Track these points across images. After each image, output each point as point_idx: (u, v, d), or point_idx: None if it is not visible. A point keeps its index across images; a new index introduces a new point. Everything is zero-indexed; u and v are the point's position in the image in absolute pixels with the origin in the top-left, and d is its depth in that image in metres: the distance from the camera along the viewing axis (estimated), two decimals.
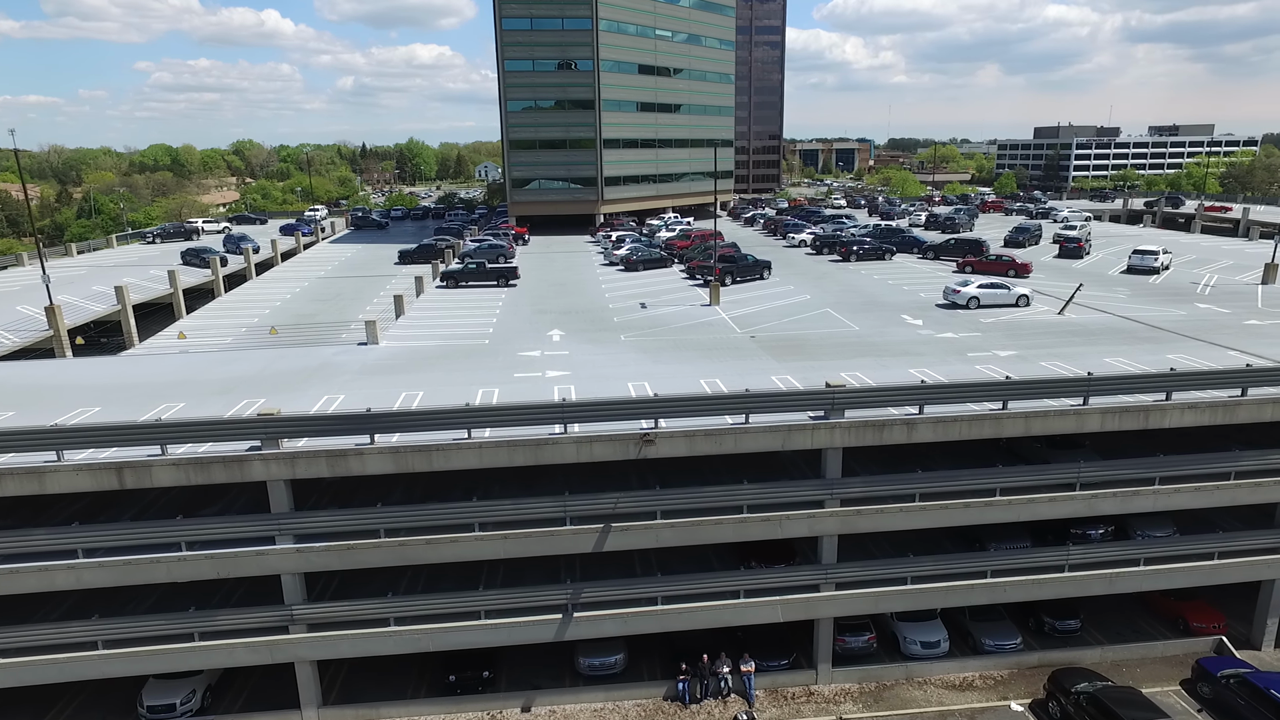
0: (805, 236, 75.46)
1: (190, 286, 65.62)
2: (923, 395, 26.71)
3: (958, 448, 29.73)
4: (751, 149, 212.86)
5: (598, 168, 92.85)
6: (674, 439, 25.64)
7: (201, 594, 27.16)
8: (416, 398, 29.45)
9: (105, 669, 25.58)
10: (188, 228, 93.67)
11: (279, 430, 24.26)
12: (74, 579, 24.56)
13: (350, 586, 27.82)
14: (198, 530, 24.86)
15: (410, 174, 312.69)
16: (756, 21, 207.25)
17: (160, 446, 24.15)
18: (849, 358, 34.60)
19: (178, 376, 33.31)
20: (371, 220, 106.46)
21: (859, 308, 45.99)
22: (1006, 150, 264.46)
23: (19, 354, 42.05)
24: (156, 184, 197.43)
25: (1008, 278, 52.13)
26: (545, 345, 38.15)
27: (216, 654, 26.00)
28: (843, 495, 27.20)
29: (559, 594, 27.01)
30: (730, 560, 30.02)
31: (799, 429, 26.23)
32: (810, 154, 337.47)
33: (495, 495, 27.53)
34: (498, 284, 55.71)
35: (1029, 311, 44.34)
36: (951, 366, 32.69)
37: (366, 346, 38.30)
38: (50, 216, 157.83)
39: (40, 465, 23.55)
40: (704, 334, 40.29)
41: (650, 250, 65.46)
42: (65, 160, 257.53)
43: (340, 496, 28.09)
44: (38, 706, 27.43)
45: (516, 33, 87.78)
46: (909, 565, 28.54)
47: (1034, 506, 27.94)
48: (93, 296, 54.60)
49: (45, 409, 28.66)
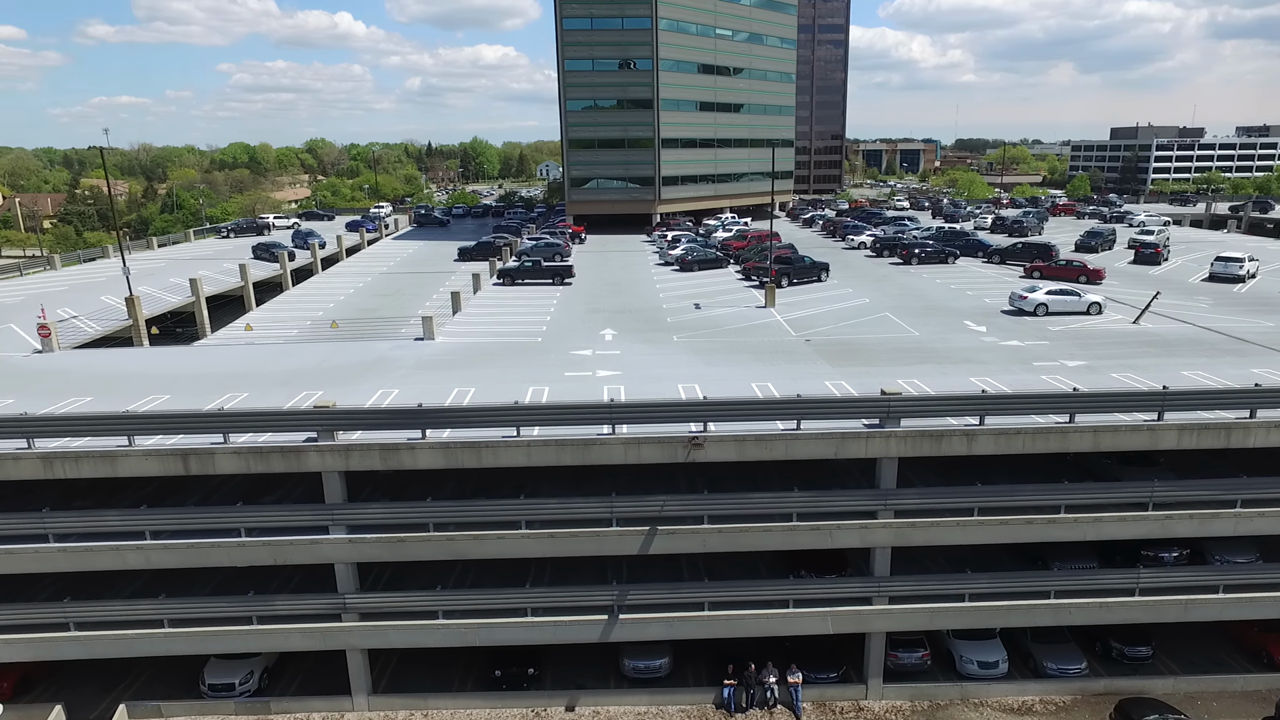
0: (865, 238, 73.95)
1: (259, 280, 67.90)
2: (984, 405, 25.74)
3: (1020, 461, 28.58)
4: (813, 149, 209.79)
5: (655, 167, 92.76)
6: (723, 443, 25.28)
7: (260, 580, 27.95)
8: (468, 394, 29.75)
9: (170, 647, 26.57)
10: (259, 223, 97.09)
11: (334, 423, 24.80)
12: (143, 559, 25.57)
13: (401, 578, 28.25)
14: (256, 517, 25.59)
15: (474, 173, 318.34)
16: (819, 20, 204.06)
17: (223, 435, 24.94)
18: (907, 364, 33.64)
19: (242, 367, 34.41)
20: (433, 218, 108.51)
21: (919, 312, 44.74)
22: (1080, 151, 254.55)
23: (100, 342, 44.05)
24: (234, 180, 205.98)
25: (1078, 284, 50.12)
26: (597, 344, 38.16)
27: (273, 638, 26.74)
28: (897, 506, 26.41)
29: (605, 595, 26.94)
30: (779, 568, 29.50)
31: (852, 437, 25.56)
32: (874, 154, 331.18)
33: (543, 494, 27.64)
34: (553, 282, 56.07)
35: (1101, 320, 42.46)
36: (1015, 376, 31.47)
37: (422, 342, 38.94)
38: (137, 211, 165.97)
39: (113, 449, 24.56)
40: (758, 336, 39.73)
41: (705, 250, 65.02)
42: (153, 158, 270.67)
43: (393, 490, 28.56)
44: (109, 679, 28.66)
45: (577, 32, 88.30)
46: (967, 581, 27.55)
47: (1102, 526, 26.66)
48: (169, 288, 56.92)
49: (120, 395, 29.93)
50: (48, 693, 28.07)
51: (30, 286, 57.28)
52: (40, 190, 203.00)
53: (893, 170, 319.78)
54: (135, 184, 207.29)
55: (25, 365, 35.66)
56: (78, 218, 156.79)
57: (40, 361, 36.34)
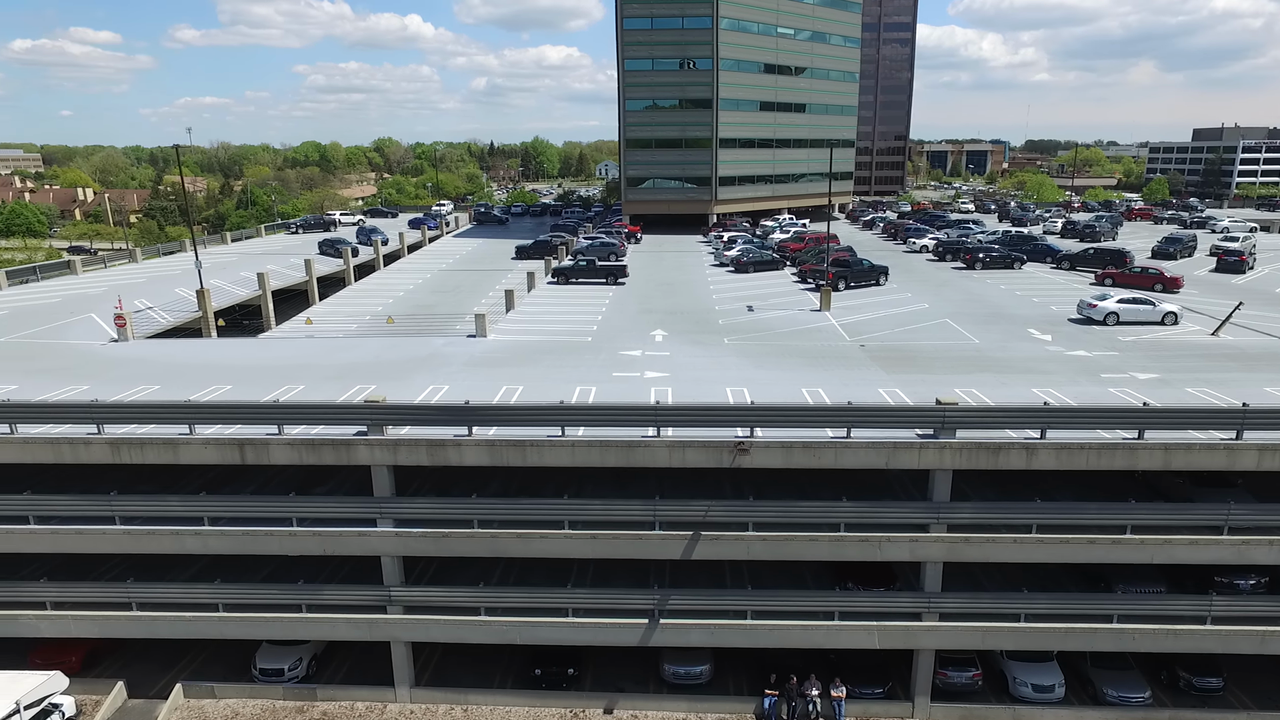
0: (927, 242, 72.03)
1: (324, 275, 69.83)
2: (1045, 418, 24.60)
3: (1084, 478, 27.33)
4: (875, 150, 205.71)
5: (713, 167, 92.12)
6: (770, 450, 24.79)
7: (310, 570, 28.63)
8: (516, 392, 29.90)
9: (223, 630, 27.44)
10: (326, 220, 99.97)
11: (384, 417, 25.18)
12: (200, 544, 26.44)
13: (445, 573, 28.57)
14: (307, 508, 26.21)
15: (534, 171, 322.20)
16: (886, 18, 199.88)
17: (278, 426, 25.61)
18: (966, 372, 32.51)
19: (300, 360, 35.34)
20: (492, 216, 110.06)
21: (981, 319, 43.26)
22: (1159, 153, 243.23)
23: (172, 332, 45.87)
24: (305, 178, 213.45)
25: (1153, 292, 47.78)
26: (647, 345, 37.98)
27: (320, 627, 27.34)
28: (950, 520, 25.49)
29: (646, 598, 26.74)
30: (825, 579, 28.81)
31: (905, 447, 24.77)
32: (939, 156, 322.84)
33: (587, 495, 27.56)
34: (606, 281, 56.15)
35: (1176, 330, 40.33)
36: (1081, 388, 30.09)
37: (475, 339, 39.37)
38: (214, 207, 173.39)
39: (175, 437, 25.46)
40: (811, 340, 38.97)
41: (761, 252, 64.24)
42: (230, 155, 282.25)
43: (440, 486, 28.91)
44: (167, 659, 29.78)
45: (637, 32, 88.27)
46: (1023, 601, 26.44)
47: (1171, 549, 25.23)
48: (239, 282, 58.97)
49: (185, 384, 31.05)
50: (111, 669, 29.31)
51: (113, 278, 60.07)
52: (128, 186, 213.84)
53: (958, 172, 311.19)
54: (213, 181, 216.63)
55: (102, 353, 37.33)
56: (160, 213, 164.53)
57: (116, 350, 37.99)
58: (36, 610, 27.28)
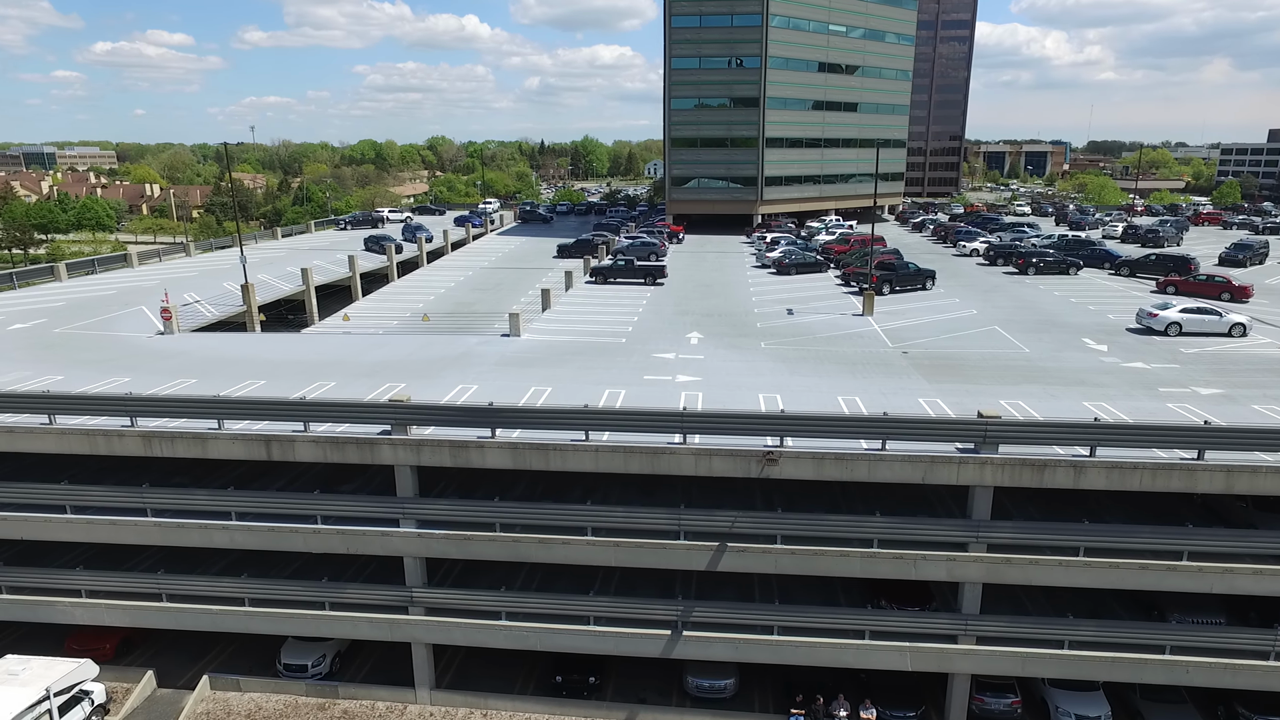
0: (978, 245, 69.60)
1: (368, 271, 70.77)
2: (1095, 435, 23.17)
3: (1136, 499, 25.72)
4: (929, 150, 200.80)
5: (758, 167, 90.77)
6: (800, 460, 23.88)
7: (335, 568, 28.67)
8: (545, 393, 29.50)
9: (249, 625, 27.64)
10: (374, 216, 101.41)
11: (407, 417, 25.00)
12: (228, 539, 26.65)
13: (468, 577, 28.30)
14: (331, 506, 26.21)
15: (583, 170, 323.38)
16: (944, 15, 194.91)
17: (303, 424, 25.64)
18: (1013, 383, 31.03)
19: (336, 356, 35.54)
20: (537, 214, 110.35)
21: (1032, 327, 41.42)
22: (1231, 155, 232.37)
23: (217, 325, 46.81)
24: (360, 175, 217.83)
25: (1220, 301, 45.21)
26: (681, 348, 37.25)
27: (342, 625, 27.33)
28: (990, 540, 24.23)
29: (669, 609, 26.05)
30: (857, 595, 27.75)
31: (943, 461, 23.60)
32: (996, 156, 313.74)
33: (613, 502, 26.97)
34: (644, 282, 55.54)
35: (1245, 343, 37.97)
36: (1137, 402, 28.41)
37: (508, 338, 39.15)
38: (272, 203, 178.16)
39: (204, 432, 25.69)
40: (851, 346, 37.77)
41: (804, 254, 62.88)
42: (291, 153, 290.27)
43: (465, 487, 28.66)
44: (196, 651, 30.19)
45: (685, 30, 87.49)
46: (1067, 627, 25.01)
47: (1233, 578, 23.56)
48: (285, 277, 60.00)
49: (222, 378, 31.46)
50: (143, 658, 29.81)
51: (166, 272, 61.72)
52: (193, 183, 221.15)
53: (1016, 174, 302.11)
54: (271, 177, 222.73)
55: (148, 345, 38.16)
56: (220, 208, 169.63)
57: (161, 342, 38.80)
58: (72, 598, 27.86)
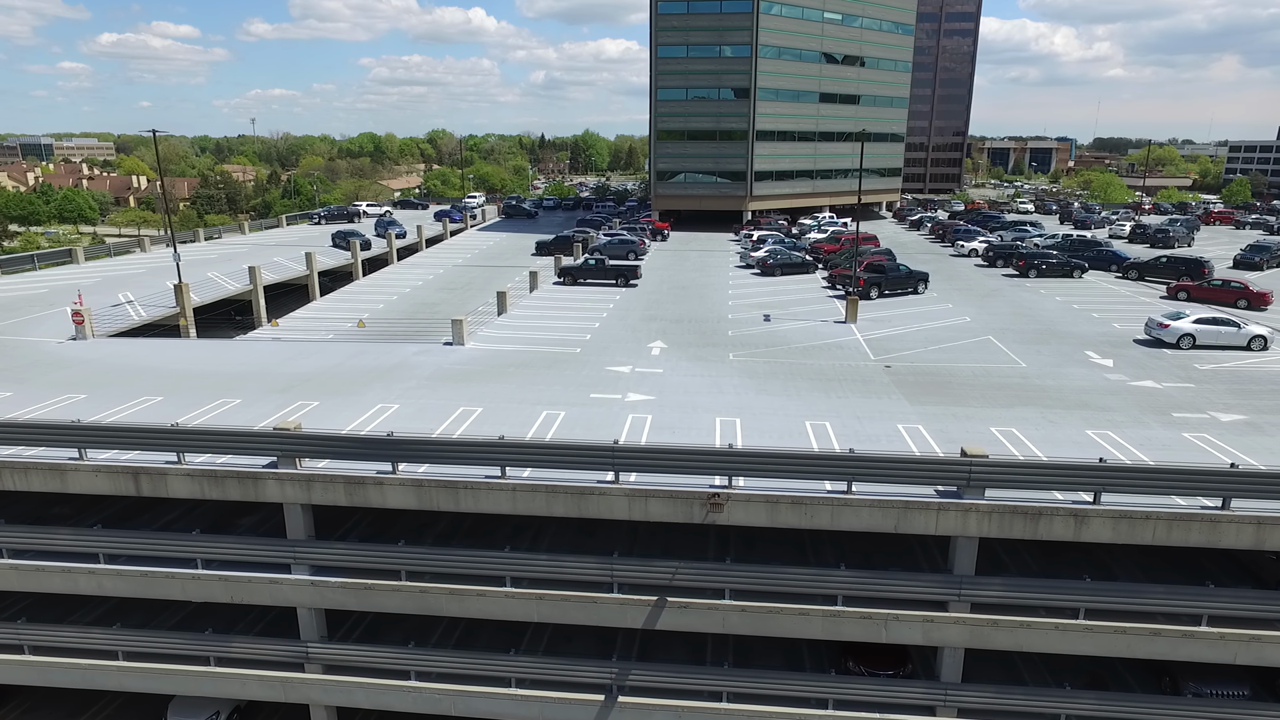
0: (977, 245, 65.79)
1: (331, 268, 67.21)
2: (1100, 479, 19.53)
3: (1149, 553, 22.09)
4: (931, 146, 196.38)
5: (748, 161, 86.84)
6: (750, 505, 20.26)
7: (226, 619, 25.05)
8: (473, 415, 25.91)
9: (124, 681, 24.06)
10: (350, 210, 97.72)
11: (296, 448, 21.40)
12: (94, 584, 23.07)
13: (377, 631, 24.75)
14: (213, 548, 22.62)
15: (583, 164, 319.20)
16: (948, 8, 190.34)
17: (178, 454, 22.04)
18: (1005, 405, 27.39)
19: (253, 368, 31.91)
20: (522, 209, 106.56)
21: (1030, 338, 37.71)
22: (1240, 152, 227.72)
23: (145, 329, 43.15)
24: (355, 168, 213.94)
25: (1236, 309, 41.47)
26: (640, 360, 33.59)
27: (230, 683, 23.73)
28: (974, 598, 20.63)
29: (603, 671, 22.46)
30: (825, 656, 24.10)
31: (919, 507, 19.98)
32: (1000, 153, 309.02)
33: (544, 548, 23.40)
34: (616, 283, 51.83)
35: (1266, 358, 34.26)
36: (1147, 430, 24.76)
37: (450, 347, 35.50)
38: (261, 196, 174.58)
39: (62, 462, 22.10)
40: (828, 359, 34.10)
41: (791, 254, 59.08)
42: (290, 146, 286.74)
43: (376, 529, 24.99)
44: (75, 707, 26.61)
45: (672, 16, 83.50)
46: (1063, 698, 21.39)
47: (1261, 648, 19.94)
48: (236, 275, 56.32)
49: (114, 394, 27.95)
50: (15, 713, 26.27)
51: (113, 268, 58.16)
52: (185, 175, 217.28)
53: (1020, 170, 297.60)
54: (262, 170, 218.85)
55: (52, 352, 34.57)
56: (204, 201, 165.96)
57: (68, 349, 35.20)
58: None
